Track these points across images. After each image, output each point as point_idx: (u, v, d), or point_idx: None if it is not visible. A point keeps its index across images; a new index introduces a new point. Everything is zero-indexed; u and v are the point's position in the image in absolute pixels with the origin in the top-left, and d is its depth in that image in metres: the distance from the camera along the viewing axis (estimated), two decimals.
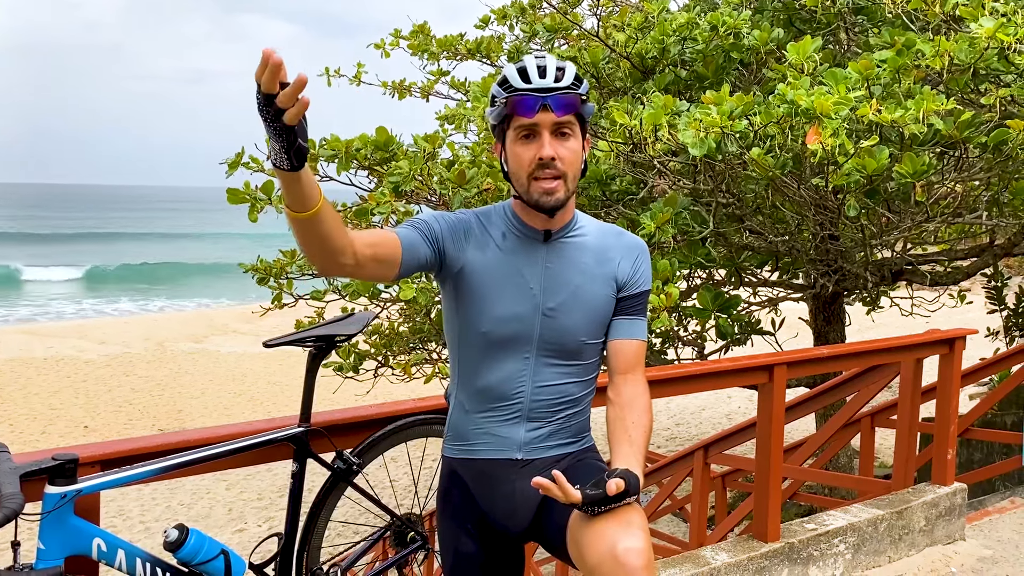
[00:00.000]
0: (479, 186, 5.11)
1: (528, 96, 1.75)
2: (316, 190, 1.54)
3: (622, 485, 1.61)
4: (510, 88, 1.78)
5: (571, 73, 1.79)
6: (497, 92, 1.81)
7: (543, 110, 1.76)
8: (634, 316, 1.93)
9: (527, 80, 1.77)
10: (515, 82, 1.77)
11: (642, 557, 1.58)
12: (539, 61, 1.79)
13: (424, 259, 1.83)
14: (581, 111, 1.81)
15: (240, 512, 10.29)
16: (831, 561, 3.63)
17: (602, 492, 1.60)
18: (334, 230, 1.61)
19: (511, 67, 1.81)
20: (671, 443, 11.54)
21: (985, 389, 9.12)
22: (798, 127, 4.06)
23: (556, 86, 1.76)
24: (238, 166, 5.99)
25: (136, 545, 1.98)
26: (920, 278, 6.60)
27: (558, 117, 1.76)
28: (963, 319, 8.50)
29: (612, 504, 1.62)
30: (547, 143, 1.77)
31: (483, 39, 8.38)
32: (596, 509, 1.62)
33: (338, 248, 1.63)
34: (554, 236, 1.90)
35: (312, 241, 1.60)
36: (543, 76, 1.76)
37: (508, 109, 1.78)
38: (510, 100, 1.77)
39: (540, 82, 1.76)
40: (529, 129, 1.78)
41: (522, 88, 1.76)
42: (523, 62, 1.81)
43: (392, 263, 1.77)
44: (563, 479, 1.60)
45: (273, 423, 2.37)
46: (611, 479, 1.61)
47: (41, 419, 14.15)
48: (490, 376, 1.90)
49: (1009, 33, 4.01)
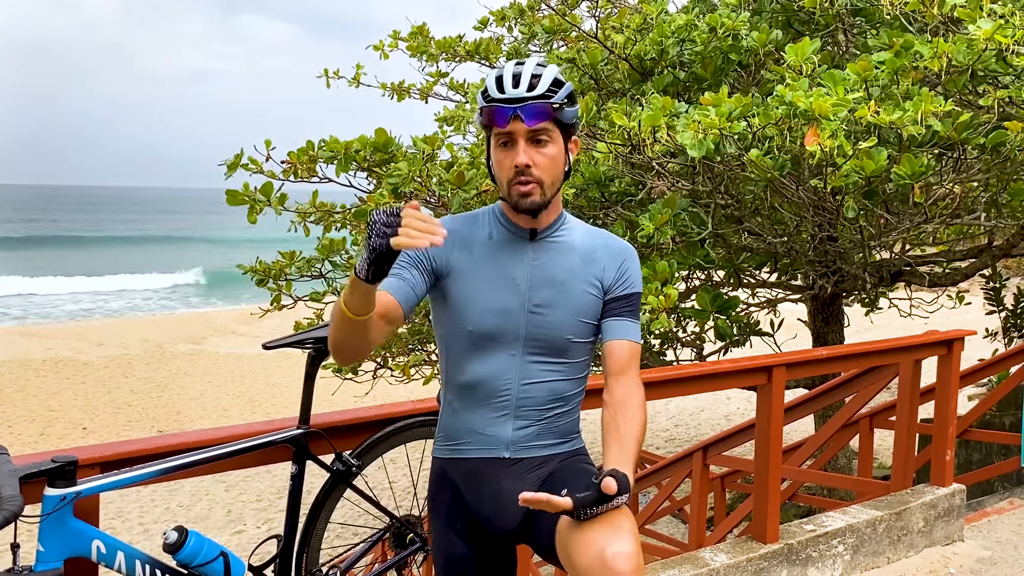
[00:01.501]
0: (478, 187, 5.11)
1: (500, 107, 1.79)
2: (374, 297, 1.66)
3: (614, 486, 1.61)
4: (488, 97, 1.82)
5: (547, 79, 1.81)
6: (479, 100, 1.86)
7: (515, 119, 1.79)
8: (624, 318, 1.94)
9: (501, 90, 1.80)
10: (492, 91, 1.82)
11: (631, 561, 1.59)
12: (515, 69, 1.82)
13: (421, 293, 1.89)
14: (558, 117, 1.82)
15: (239, 514, 10.28)
16: (830, 562, 3.64)
17: (593, 493, 1.61)
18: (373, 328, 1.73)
19: (491, 75, 1.85)
20: (670, 444, 11.54)
21: (984, 390, 9.13)
22: (796, 128, 4.07)
23: (528, 96, 1.78)
24: (237, 167, 5.99)
25: (135, 547, 1.98)
26: (919, 279, 6.60)
27: (529, 127, 1.79)
28: (962, 320, 8.51)
29: (604, 505, 1.62)
30: (521, 151, 1.80)
31: (482, 40, 8.39)
32: (587, 512, 1.62)
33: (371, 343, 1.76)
34: (540, 235, 1.93)
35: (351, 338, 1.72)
36: (516, 85, 1.79)
37: (485, 119, 1.83)
38: (485, 110, 1.82)
39: (513, 92, 1.79)
40: (506, 137, 1.82)
41: (497, 98, 1.80)
42: (501, 69, 1.84)
43: (397, 320, 1.84)
44: (545, 495, 1.60)
45: (272, 425, 2.37)
46: (603, 479, 1.62)
47: (40, 421, 14.14)
48: (477, 372, 1.91)
49: (1007, 35, 4.01)
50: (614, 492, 1.60)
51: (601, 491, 1.61)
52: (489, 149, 1.89)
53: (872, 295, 7.30)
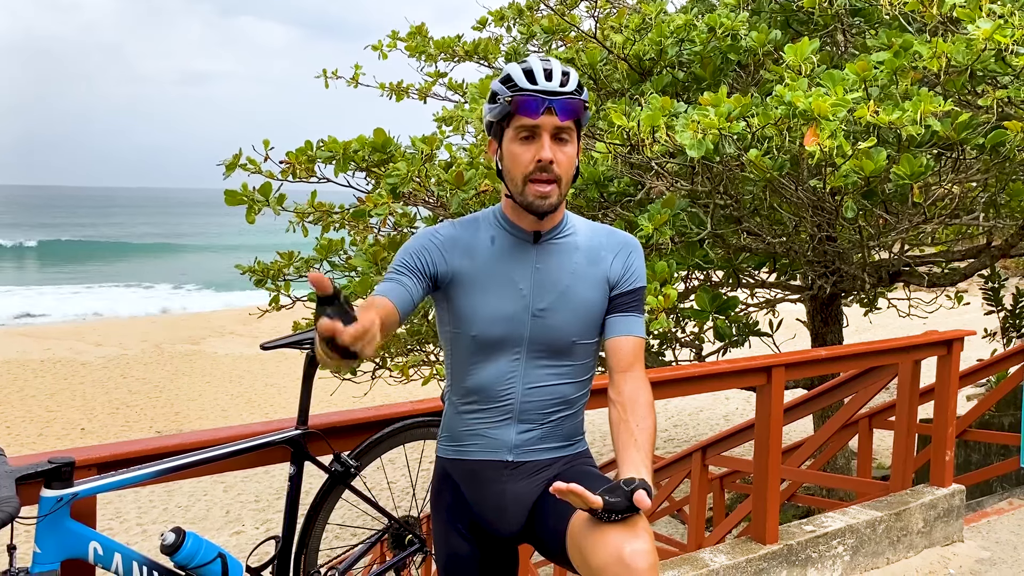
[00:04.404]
0: (477, 187, 5.11)
1: (533, 98, 1.75)
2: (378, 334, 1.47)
3: (647, 503, 1.57)
4: (514, 87, 1.77)
5: (575, 79, 1.80)
6: (500, 90, 1.79)
7: (547, 112, 1.75)
8: (630, 313, 1.92)
9: (533, 81, 1.76)
10: (520, 82, 1.76)
11: (648, 559, 1.58)
12: (545, 64, 1.79)
13: (418, 299, 1.85)
14: (581, 118, 1.81)
15: (237, 515, 10.27)
16: (829, 563, 3.63)
17: (624, 502, 1.57)
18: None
19: (516, 66, 1.80)
20: (669, 444, 11.53)
21: (983, 390, 9.12)
22: (796, 128, 4.06)
23: (561, 90, 1.76)
24: (235, 167, 5.98)
25: (133, 548, 1.97)
26: (917, 279, 6.60)
27: (560, 122, 1.76)
28: (960, 320, 8.53)
29: (629, 514, 1.60)
30: (547, 145, 1.77)
31: (480, 41, 8.37)
32: (611, 516, 1.60)
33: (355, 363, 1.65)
34: (544, 237, 1.90)
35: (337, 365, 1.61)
36: (549, 79, 1.76)
37: (512, 108, 1.77)
38: (514, 99, 1.76)
39: (546, 84, 1.75)
40: (530, 130, 1.78)
41: (528, 89, 1.76)
42: (528, 62, 1.80)
43: (393, 325, 1.78)
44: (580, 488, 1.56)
45: (270, 425, 2.36)
46: (635, 490, 1.58)
47: (38, 421, 14.13)
48: (481, 377, 1.90)
49: (1006, 35, 4.01)
50: (646, 508, 1.57)
51: (632, 502, 1.57)
52: (500, 144, 1.84)
53: (871, 295, 7.30)
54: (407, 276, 1.85)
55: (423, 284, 1.86)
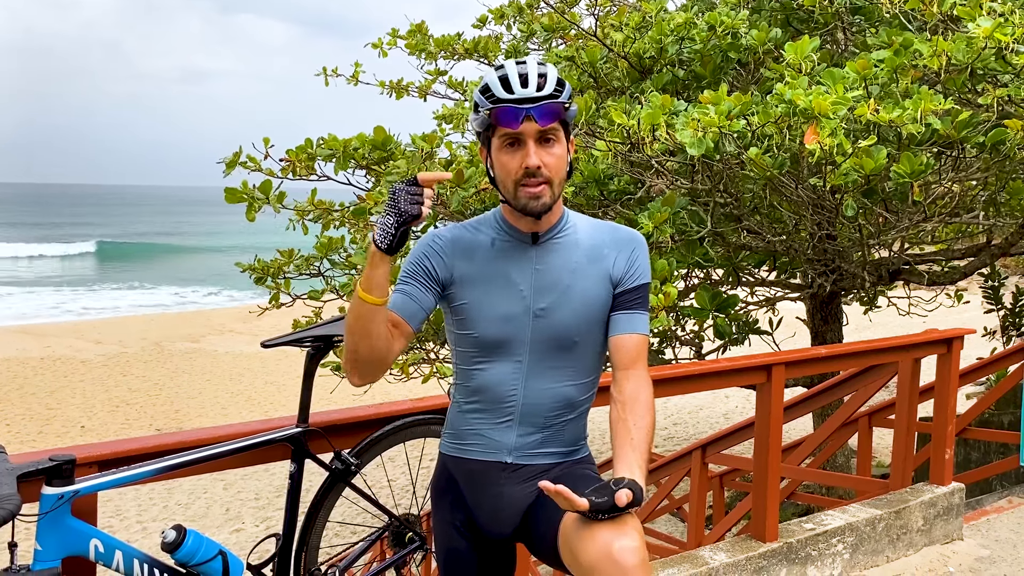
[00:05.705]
0: (477, 185, 5.11)
1: (511, 107, 1.75)
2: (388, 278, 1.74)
3: (631, 497, 1.59)
4: (492, 98, 1.78)
5: (553, 79, 1.78)
6: (480, 101, 1.81)
7: (527, 120, 1.76)
8: (633, 310, 1.91)
9: (509, 90, 1.76)
10: (497, 91, 1.77)
11: (637, 555, 1.58)
12: (520, 68, 1.78)
13: (429, 307, 1.91)
14: (564, 117, 1.81)
15: (238, 512, 10.27)
16: (829, 561, 3.64)
17: (609, 501, 1.58)
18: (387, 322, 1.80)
19: (492, 75, 1.81)
20: (669, 443, 11.54)
21: (982, 389, 9.12)
22: (796, 127, 4.06)
23: (538, 95, 1.75)
24: (235, 165, 5.98)
25: (133, 546, 1.97)
26: (917, 278, 6.60)
27: (542, 127, 1.77)
28: (960, 319, 8.51)
29: (616, 513, 1.60)
30: (532, 152, 1.78)
31: (480, 38, 8.36)
32: (599, 516, 1.61)
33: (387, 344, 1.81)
34: (543, 238, 1.91)
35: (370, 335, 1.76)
36: (525, 85, 1.76)
37: (490, 121, 1.79)
38: (493, 111, 1.77)
39: (522, 92, 1.75)
40: (513, 138, 1.79)
41: (504, 99, 1.76)
42: (504, 69, 1.79)
43: (408, 334, 1.88)
44: (566, 489, 1.58)
45: (271, 423, 2.37)
46: (619, 489, 1.59)
47: (38, 419, 14.12)
48: (483, 377, 1.91)
49: (1007, 33, 4.01)
50: (624, 505, 1.58)
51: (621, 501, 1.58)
52: (489, 151, 1.86)
53: (871, 293, 7.31)
54: (413, 284, 1.88)
55: (431, 289, 1.90)
